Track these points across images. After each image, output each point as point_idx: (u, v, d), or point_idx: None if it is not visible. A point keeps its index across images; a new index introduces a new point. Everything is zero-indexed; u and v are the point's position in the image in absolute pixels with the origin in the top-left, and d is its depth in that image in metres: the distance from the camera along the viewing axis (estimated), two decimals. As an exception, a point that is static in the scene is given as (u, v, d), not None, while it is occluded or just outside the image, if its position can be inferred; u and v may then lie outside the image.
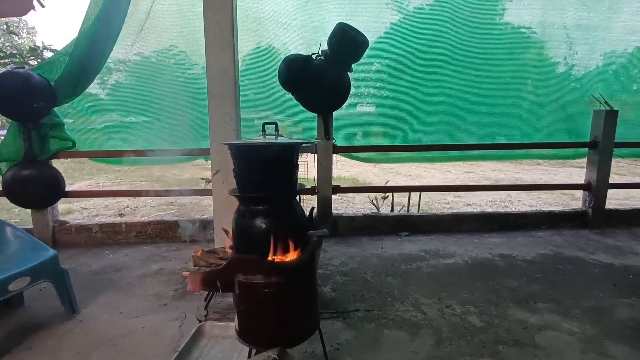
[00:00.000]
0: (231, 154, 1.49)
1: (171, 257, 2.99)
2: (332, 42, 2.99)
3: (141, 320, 2.08)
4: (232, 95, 2.24)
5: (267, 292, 1.41)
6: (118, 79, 3.51)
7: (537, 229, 3.61)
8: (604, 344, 1.83)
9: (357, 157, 3.80)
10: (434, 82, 3.70)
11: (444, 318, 2.07)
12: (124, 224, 3.36)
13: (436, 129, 3.80)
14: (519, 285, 2.45)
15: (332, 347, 1.80)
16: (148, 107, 3.47)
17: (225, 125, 2.26)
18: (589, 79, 3.82)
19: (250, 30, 3.31)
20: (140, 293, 2.40)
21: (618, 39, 3.70)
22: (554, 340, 1.86)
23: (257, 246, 1.43)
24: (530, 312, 2.12)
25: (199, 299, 2.26)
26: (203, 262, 1.63)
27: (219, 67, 2.21)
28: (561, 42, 3.66)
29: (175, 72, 3.61)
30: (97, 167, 8.52)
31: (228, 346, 1.78)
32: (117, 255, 3.05)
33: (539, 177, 7.96)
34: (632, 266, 2.75)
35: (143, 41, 3.20)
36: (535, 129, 3.85)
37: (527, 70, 3.87)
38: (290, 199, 1.54)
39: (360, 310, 2.16)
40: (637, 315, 2.09)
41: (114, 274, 2.69)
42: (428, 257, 2.94)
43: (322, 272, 2.66)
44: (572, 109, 3.84)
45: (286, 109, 3.51)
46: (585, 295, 2.31)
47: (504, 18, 3.79)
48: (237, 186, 1.53)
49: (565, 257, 2.93)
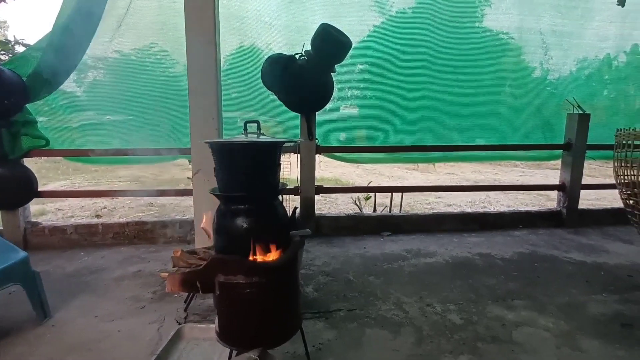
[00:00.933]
0: (212, 153, 1.47)
1: (150, 259, 2.92)
2: (316, 42, 2.99)
3: (118, 323, 2.02)
4: (214, 93, 2.21)
5: (248, 293, 1.39)
6: (96, 76, 3.41)
7: (514, 229, 3.71)
8: (577, 338, 1.89)
9: (340, 158, 3.82)
10: (415, 85, 3.75)
11: (424, 316, 2.10)
12: (100, 225, 3.26)
13: (418, 130, 3.85)
14: (497, 283, 2.51)
15: (314, 347, 1.79)
16: (127, 106, 3.39)
17: (206, 124, 2.23)
18: (564, 83, 3.96)
19: (233, 29, 3.27)
20: (117, 296, 2.33)
21: (590, 46, 3.86)
22: (530, 336, 1.91)
23: (238, 246, 1.41)
24: (508, 310, 2.17)
25: (179, 301, 2.22)
26: (183, 262, 1.60)
27: (200, 64, 2.18)
28: (537, 47, 3.78)
29: (156, 71, 3.53)
30: (73, 167, 8.24)
31: (209, 348, 1.75)
32: (93, 257, 2.96)
33: (517, 179, 8.19)
34: (604, 263, 2.86)
35: (122, 37, 3.12)
36: (512, 131, 3.96)
37: (505, 74, 3.97)
38: (272, 198, 1.53)
39: (343, 310, 2.16)
40: (607, 310, 2.17)
41: (89, 277, 2.60)
42: (410, 257, 2.97)
43: (304, 272, 2.65)
44: (548, 112, 3.97)
45: (270, 109, 3.49)
46: (560, 292, 2.38)
47: (484, 23, 3.89)
48: (218, 185, 1.51)
49: (541, 256, 3.02)
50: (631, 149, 2.66)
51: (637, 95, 4.18)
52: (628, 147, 2.69)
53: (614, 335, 1.91)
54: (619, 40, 3.87)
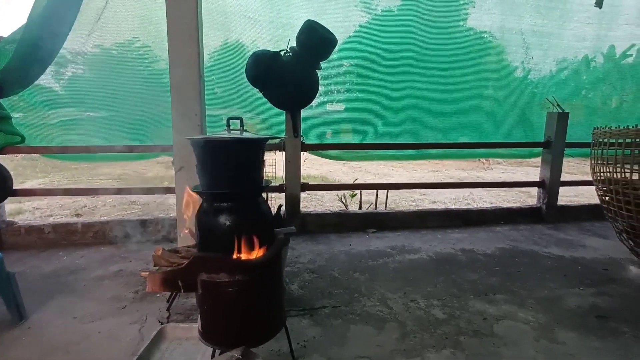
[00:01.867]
0: (194, 150, 1.45)
1: (132, 258, 2.86)
2: (301, 39, 2.97)
3: (97, 324, 1.97)
4: (197, 89, 2.17)
5: (231, 291, 1.38)
6: (75, 71, 3.31)
7: (496, 225, 3.79)
8: (555, 331, 1.95)
9: (325, 155, 3.82)
10: (401, 83, 3.78)
11: (408, 312, 2.12)
12: (79, 224, 3.17)
13: (403, 128, 3.89)
14: (479, 278, 2.56)
15: (298, 345, 1.79)
16: (108, 103, 3.31)
17: (189, 120, 2.19)
18: (544, 83, 4.06)
19: (216, 24, 3.22)
20: (97, 296, 2.27)
21: (568, 46, 3.96)
22: (510, 330, 1.95)
23: (221, 244, 1.40)
24: (489, 304, 2.22)
25: (161, 301, 2.18)
26: (164, 261, 1.57)
27: (182, 59, 2.14)
28: (518, 47, 3.86)
29: (138, 66, 3.46)
30: (52, 165, 8.01)
31: (191, 348, 1.72)
32: (71, 257, 2.88)
33: (499, 176, 8.37)
34: (581, 258, 2.95)
35: (101, 31, 3.04)
36: (495, 130, 4.04)
37: (488, 73, 4.04)
38: (256, 196, 1.52)
39: (328, 306, 2.17)
40: (584, 303, 2.24)
41: (68, 277, 2.53)
42: (394, 253, 3.00)
43: (290, 270, 2.64)
44: (529, 111, 4.07)
45: (255, 106, 3.46)
46: (539, 286, 2.45)
47: (467, 23, 3.94)
48: (200, 183, 1.49)
49: (521, 251, 3.09)
50: (607, 146, 2.75)
51: (613, 94, 4.32)
52: (604, 145, 2.77)
53: (589, 327, 1.98)
54: (596, 41, 3.98)
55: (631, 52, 4.15)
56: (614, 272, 2.69)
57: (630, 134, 2.54)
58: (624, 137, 2.59)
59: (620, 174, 2.67)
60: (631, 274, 2.68)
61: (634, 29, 3.95)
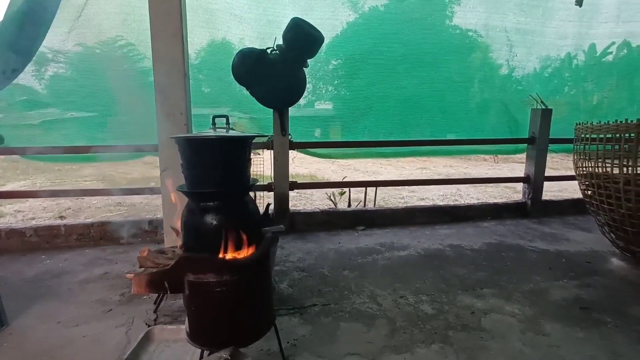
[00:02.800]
0: (178, 148, 1.42)
1: (117, 260, 2.80)
2: (287, 36, 2.95)
3: (82, 328, 1.93)
4: (182, 87, 2.14)
5: (218, 291, 1.36)
6: (57, 70, 3.23)
7: (483, 220, 3.85)
8: (541, 323, 1.98)
9: (313, 153, 3.81)
10: (388, 81, 3.80)
11: (398, 308, 2.13)
12: (62, 226, 3.10)
13: (390, 125, 3.91)
14: (467, 273, 2.59)
15: (288, 344, 1.78)
16: (92, 102, 3.24)
17: (174, 120, 2.15)
18: (528, 80, 4.13)
19: (202, 22, 3.18)
20: (81, 300, 2.22)
21: (551, 44, 4.03)
22: (497, 323, 1.98)
23: (208, 244, 1.38)
24: (477, 298, 2.25)
25: (148, 303, 2.14)
26: (150, 262, 1.54)
27: (166, 57, 2.10)
28: (503, 45, 3.92)
29: (122, 65, 3.39)
30: (35, 166, 7.81)
31: (180, 350, 1.70)
32: (55, 260, 2.81)
33: (485, 172, 8.50)
34: (565, 251, 3.01)
35: (82, 28, 2.96)
36: (481, 127, 4.09)
37: (474, 71, 4.09)
38: (243, 194, 1.50)
39: (317, 305, 2.16)
40: (568, 295, 2.29)
41: (51, 281, 2.47)
42: (383, 250, 3.02)
43: (279, 269, 2.63)
44: (514, 108, 4.13)
45: (243, 105, 3.44)
46: (525, 280, 2.49)
47: (453, 21, 3.98)
48: (185, 182, 1.46)
49: (507, 245, 3.14)
50: (589, 142, 2.81)
51: (594, 91, 4.43)
52: (586, 141, 2.84)
53: (574, 319, 2.02)
54: (577, 38, 4.06)
55: (611, 50, 4.26)
56: (597, 265, 2.75)
57: (611, 129, 2.60)
58: (604, 132, 2.65)
59: (601, 168, 2.73)
60: (613, 265, 2.76)
61: (612, 27, 4.05)
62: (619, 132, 2.55)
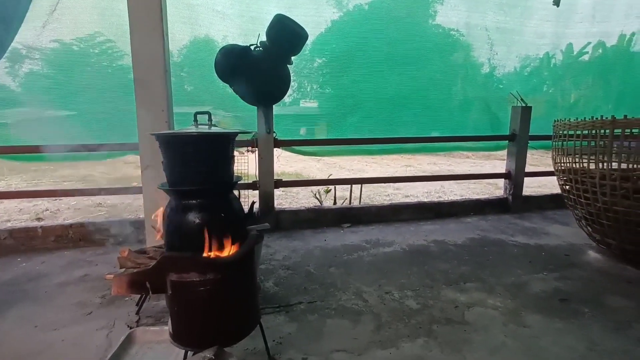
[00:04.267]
0: (159, 146, 1.39)
1: (98, 262, 2.73)
2: (271, 33, 2.92)
3: (61, 332, 1.87)
4: (162, 84, 2.09)
5: (202, 290, 1.34)
6: (33, 68, 3.12)
7: (466, 216, 3.92)
8: (522, 315, 2.03)
9: (299, 151, 3.80)
10: (373, 79, 3.82)
11: (383, 303, 2.15)
12: (39, 228, 2.99)
13: (376, 124, 3.94)
14: (450, 268, 2.63)
15: (274, 342, 1.77)
16: (71, 101, 3.15)
17: (155, 117, 2.11)
18: (509, 79, 4.23)
19: (183, 18, 3.12)
20: (60, 303, 2.16)
21: (530, 43, 4.14)
22: (480, 316, 2.02)
23: (190, 243, 1.36)
24: (461, 292, 2.28)
25: (130, 305, 2.09)
26: (131, 263, 1.51)
27: (146, 53, 2.05)
28: (483, 43, 3.99)
29: (102, 62, 3.31)
30: (9, 167, 7.54)
31: (163, 351, 1.67)
32: (31, 263, 2.72)
33: (468, 169, 8.65)
34: (544, 245, 3.09)
35: (57, 23, 2.86)
36: (464, 124, 4.17)
37: (456, 70, 4.16)
38: (226, 192, 1.48)
39: (303, 302, 2.16)
40: (547, 287, 2.35)
41: (27, 284, 2.38)
42: (369, 247, 3.03)
43: (264, 267, 2.61)
44: (495, 106, 4.22)
45: (227, 103, 3.40)
46: (507, 273, 2.55)
47: (436, 20, 4.03)
48: (167, 180, 1.44)
49: (490, 240, 3.21)
50: (567, 138, 2.89)
51: (572, 90, 4.57)
52: (564, 137, 2.92)
53: (553, 310, 2.08)
54: (555, 38, 4.18)
55: (587, 50, 4.40)
56: (575, 257, 2.84)
57: (587, 125, 2.68)
58: (581, 128, 2.73)
59: (578, 164, 2.82)
60: (590, 258, 2.85)
61: (588, 27, 4.18)
62: (594, 128, 2.63)
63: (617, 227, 2.61)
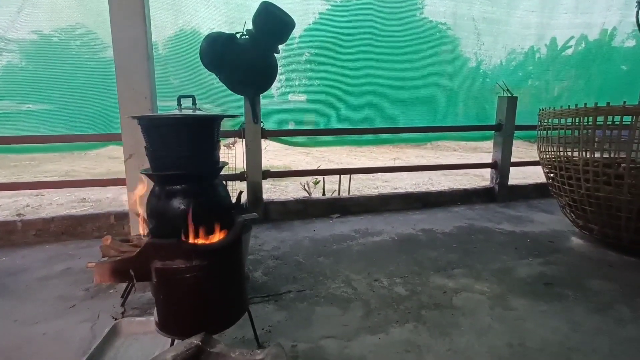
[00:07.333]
0: (142, 130, 1.35)
1: (81, 255, 2.66)
2: (257, 21, 2.86)
3: (42, 326, 1.81)
4: (145, 70, 2.04)
5: (188, 277, 1.31)
6: (10, 60, 3.01)
7: (453, 205, 3.96)
8: (508, 299, 2.06)
9: (287, 142, 3.77)
10: (361, 71, 3.82)
11: (372, 291, 2.15)
12: (19, 222, 2.90)
13: (364, 115, 3.94)
14: (438, 256, 2.65)
15: (263, 330, 1.76)
16: (51, 94, 3.06)
17: (138, 104, 2.05)
18: (495, 72, 4.28)
19: (166, 4, 3.04)
20: (41, 297, 2.09)
21: (516, 34, 4.18)
22: (468, 301, 2.04)
23: (175, 229, 1.32)
24: (448, 278, 2.30)
25: (115, 297, 2.05)
26: (114, 251, 1.47)
27: (127, 38, 1.99)
28: (470, 33, 4.01)
29: (83, 55, 3.21)
30: (-13, 163, 7.31)
31: (149, 342, 1.63)
32: (11, 258, 2.63)
33: (455, 162, 8.74)
34: (529, 232, 3.15)
35: (33, 7, 2.75)
36: (451, 115, 4.21)
37: (444, 62, 4.18)
38: (212, 177, 1.45)
39: (292, 291, 2.14)
40: (532, 272, 2.39)
41: (6, 279, 2.30)
42: (358, 236, 3.04)
43: (253, 258, 2.59)
44: (482, 98, 4.27)
45: (214, 96, 3.35)
46: (493, 260, 2.58)
47: (424, 13, 4.03)
48: (150, 166, 1.40)
49: (477, 228, 3.24)
50: (551, 127, 2.94)
51: (555, 83, 4.65)
52: (549, 126, 2.96)
53: (538, 294, 2.11)
54: (540, 28, 4.23)
55: (570, 44, 4.48)
56: (559, 243, 2.90)
57: (571, 113, 2.72)
58: (565, 116, 2.77)
59: (562, 152, 2.86)
60: (573, 243, 2.91)
61: (571, 17, 4.24)
62: (578, 115, 2.68)
63: (599, 213, 2.67)
